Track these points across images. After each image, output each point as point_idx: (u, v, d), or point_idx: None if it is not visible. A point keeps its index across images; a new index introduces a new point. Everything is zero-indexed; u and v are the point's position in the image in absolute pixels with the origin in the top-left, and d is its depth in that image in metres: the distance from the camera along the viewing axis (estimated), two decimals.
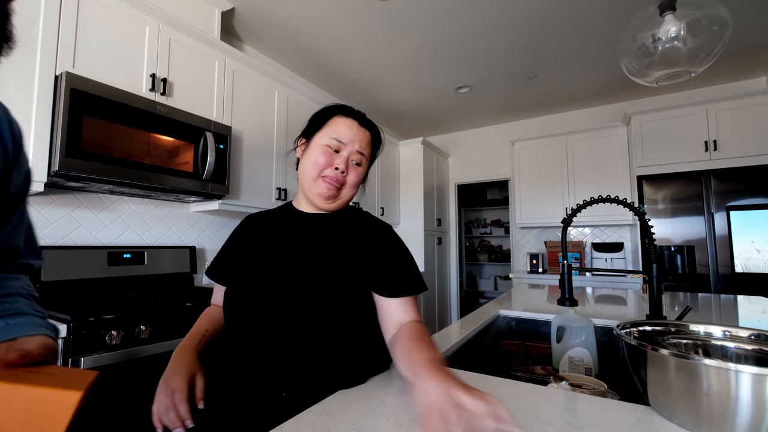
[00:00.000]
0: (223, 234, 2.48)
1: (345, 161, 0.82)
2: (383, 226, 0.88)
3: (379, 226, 0.87)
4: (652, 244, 0.97)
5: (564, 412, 0.57)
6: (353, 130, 0.84)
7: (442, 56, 2.92)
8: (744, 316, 1.41)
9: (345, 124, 0.85)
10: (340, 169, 0.81)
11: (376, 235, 0.84)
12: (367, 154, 0.87)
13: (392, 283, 0.78)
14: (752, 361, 0.62)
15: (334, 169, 0.81)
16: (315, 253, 0.81)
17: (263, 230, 0.90)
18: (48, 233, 1.68)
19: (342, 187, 0.83)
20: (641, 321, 0.73)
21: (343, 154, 0.83)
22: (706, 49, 1.45)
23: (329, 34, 2.63)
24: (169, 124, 1.76)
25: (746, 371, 0.44)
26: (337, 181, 0.82)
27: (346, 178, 0.83)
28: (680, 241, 2.98)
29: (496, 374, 0.75)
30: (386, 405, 0.60)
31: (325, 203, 0.84)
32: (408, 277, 0.81)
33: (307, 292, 0.75)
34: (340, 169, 0.81)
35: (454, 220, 4.71)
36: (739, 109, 2.88)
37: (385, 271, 0.80)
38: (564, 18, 2.43)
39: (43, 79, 1.43)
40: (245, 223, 0.94)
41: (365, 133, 0.86)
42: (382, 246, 0.83)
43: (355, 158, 0.84)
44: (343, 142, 0.83)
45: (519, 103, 3.89)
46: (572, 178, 3.71)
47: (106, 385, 1.30)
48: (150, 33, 1.79)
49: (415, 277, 0.82)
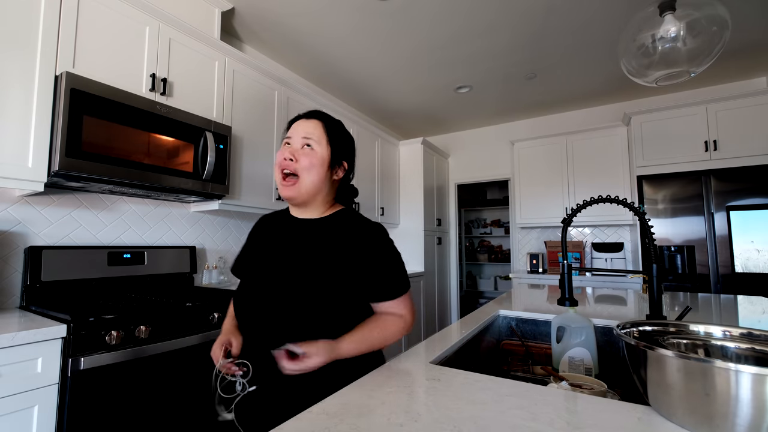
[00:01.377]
0: (223, 234, 2.48)
1: (291, 151, 0.88)
2: (370, 229, 0.89)
3: (366, 230, 0.89)
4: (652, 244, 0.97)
5: (564, 412, 0.57)
6: (298, 125, 0.92)
7: (442, 56, 2.92)
8: (744, 316, 1.41)
9: (293, 126, 0.93)
10: (287, 158, 0.87)
11: (362, 240, 0.87)
12: (316, 137, 0.90)
13: (377, 289, 0.86)
14: (752, 361, 0.62)
15: (282, 160, 0.88)
16: (299, 258, 0.86)
17: (266, 232, 0.98)
18: (48, 233, 1.68)
19: (298, 175, 0.87)
20: (641, 321, 0.73)
21: (291, 146, 0.89)
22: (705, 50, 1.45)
23: (329, 34, 2.63)
24: (169, 124, 1.76)
25: (746, 371, 0.44)
26: (288, 168, 0.87)
27: (296, 165, 0.87)
28: (680, 241, 2.98)
29: (496, 374, 0.75)
30: (386, 405, 0.60)
31: (293, 205, 0.92)
32: (391, 280, 0.86)
33: (289, 295, 0.82)
34: (287, 158, 0.87)
35: (454, 220, 4.71)
36: (739, 109, 2.88)
37: (369, 277, 0.85)
38: (564, 18, 2.43)
39: (43, 79, 1.43)
40: (258, 224, 1.03)
41: (310, 122, 0.92)
42: (367, 251, 0.86)
43: (301, 144, 0.89)
44: (290, 137, 0.91)
45: (519, 103, 3.89)
46: (572, 178, 3.72)
47: (106, 385, 1.30)
48: (150, 33, 1.79)
49: (398, 279, 0.87)
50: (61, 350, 1.21)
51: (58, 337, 1.20)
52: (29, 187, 1.40)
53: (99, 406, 1.27)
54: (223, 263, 2.44)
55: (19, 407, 1.11)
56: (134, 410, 1.36)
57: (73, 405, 1.21)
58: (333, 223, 0.91)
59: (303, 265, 0.85)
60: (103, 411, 1.28)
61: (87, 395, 1.24)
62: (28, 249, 1.57)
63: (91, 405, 1.26)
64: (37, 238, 1.65)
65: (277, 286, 0.84)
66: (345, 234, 0.88)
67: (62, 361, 1.21)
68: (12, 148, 1.35)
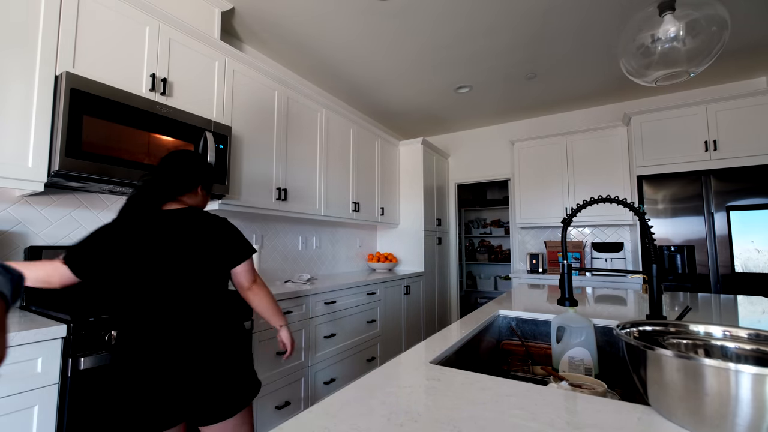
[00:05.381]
0: None
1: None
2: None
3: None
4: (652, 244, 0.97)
5: (564, 412, 0.57)
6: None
7: (442, 56, 2.92)
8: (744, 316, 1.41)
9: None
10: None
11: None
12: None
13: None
14: (752, 361, 0.62)
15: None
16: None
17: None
18: (48, 233, 1.68)
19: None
20: (641, 321, 0.73)
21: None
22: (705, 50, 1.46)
23: (329, 33, 2.63)
24: (169, 124, 1.76)
25: (746, 371, 0.44)
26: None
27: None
28: (680, 241, 2.98)
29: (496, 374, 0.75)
30: (386, 405, 0.60)
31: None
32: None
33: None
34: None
35: (454, 220, 4.71)
36: (739, 109, 2.88)
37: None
38: (564, 18, 2.44)
39: (43, 79, 1.43)
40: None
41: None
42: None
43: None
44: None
45: (519, 103, 3.89)
46: (572, 178, 3.72)
47: (106, 385, 1.30)
48: (150, 33, 1.79)
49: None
50: (61, 350, 1.21)
51: (58, 337, 1.20)
52: (29, 187, 1.40)
53: (99, 406, 1.27)
54: None
55: (19, 407, 1.11)
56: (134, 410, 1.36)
57: (73, 405, 1.21)
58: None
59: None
60: (104, 411, 1.28)
61: (87, 395, 1.24)
62: (28, 249, 1.57)
63: (91, 405, 1.26)
64: (37, 238, 1.65)
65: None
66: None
67: (62, 361, 1.21)
68: (12, 148, 1.35)
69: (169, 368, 1.02)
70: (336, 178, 3.11)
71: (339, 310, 2.54)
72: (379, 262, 3.70)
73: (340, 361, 2.54)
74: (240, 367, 1.11)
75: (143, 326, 1.04)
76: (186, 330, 1.05)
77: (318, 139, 2.92)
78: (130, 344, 1.04)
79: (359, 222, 3.41)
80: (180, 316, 1.06)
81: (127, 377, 1.02)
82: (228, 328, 1.12)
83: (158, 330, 1.04)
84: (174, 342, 1.03)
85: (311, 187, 2.82)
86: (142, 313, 1.06)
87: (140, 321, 1.05)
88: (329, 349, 2.44)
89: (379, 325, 3.03)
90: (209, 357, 1.05)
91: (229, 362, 1.08)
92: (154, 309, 1.06)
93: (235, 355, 1.11)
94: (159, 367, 1.02)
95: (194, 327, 1.06)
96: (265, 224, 2.80)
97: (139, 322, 1.05)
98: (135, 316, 1.06)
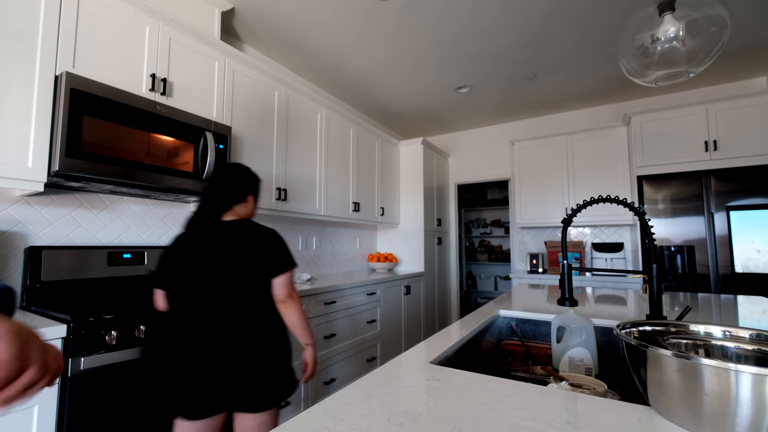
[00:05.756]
0: None
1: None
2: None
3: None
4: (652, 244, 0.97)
5: (564, 412, 0.57)
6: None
7: (443, 56, 2.92)
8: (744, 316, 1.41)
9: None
10: None
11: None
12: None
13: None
14: (752, 361, 0.62)
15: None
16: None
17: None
18: (48, 233, 1.68)
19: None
20: (641, 321, 0.73)
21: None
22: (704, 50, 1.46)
23: (329, 33, 2.63)
24: (169, 124, 1.76)
25: (746, 371, 0.44)
26: None
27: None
28: (680, 241, 2.98)
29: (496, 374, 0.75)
30: (386, 405, 0.60)
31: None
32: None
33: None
34: None
35: (454, 220, 4.71)
36: (739, 109, 2.89)
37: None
38: (564, 18, 2.44)
39: (43, 79, 1.43)
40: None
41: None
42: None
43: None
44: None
45: (519, 103, 3.89)
46: (572, 178, 3.72)
47: (106, 385, 1.30)
48: (150, 33, 1.79)
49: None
50: (61, 350, 1.21)
51: (58, 337, 1.20)
52: (29, 187, 1.40)
53: (99, 406, 1.27)
54: None
55: (18, 407, 1.11)
56: (134, 410, 1.36)
57: (73, 405, 1.21)
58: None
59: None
60: (103, 411, 1.28)
61: (87, 395, 1.24)
62: (28, 249, 1.57)
63: (91, 405, 1.26)
64: (37, 238, 1.65)
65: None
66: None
67: None
68: (12, 148, 1.35)
69: (216, 362, 1.14)
70: (336, 178, 3.11)
71: (339, 310, 2.54)
72: (379, 262, 3.70)
73: (340, 361, 2.54)
74: (277, 367, 1.21)
75: (198, 324, 1.17)
76: (232, 330, 1.17)
77: (318, 139, 2.92)
78: (185, 340, 1.16)
79: (359, 222, 3.41)
80: (228, 318, 1.17)
81: (183, 368, 1.14)
82: (270, 332, 1.22)
83: (209, 328, 1.16)
84: (222, 340, 1.15)
85: (311, 187, 2.82)
86: (197, 313, 1.18)
87: (195, 320, 1.17)
88: (329, 349, 2.44)
89: (379, 325, 3.03)
90: (250, 356, 1.16)
91: (267, 362, 1.18)
92: (207, 310, 1.18)
93: (274, 357, 1.21)
94: (207, 360, 1.14)
95: (240, 328, 1.17)
96: (265, 224, 2.80)
97: (194, 321, 1.17)
98: (192, 315, 1.18)
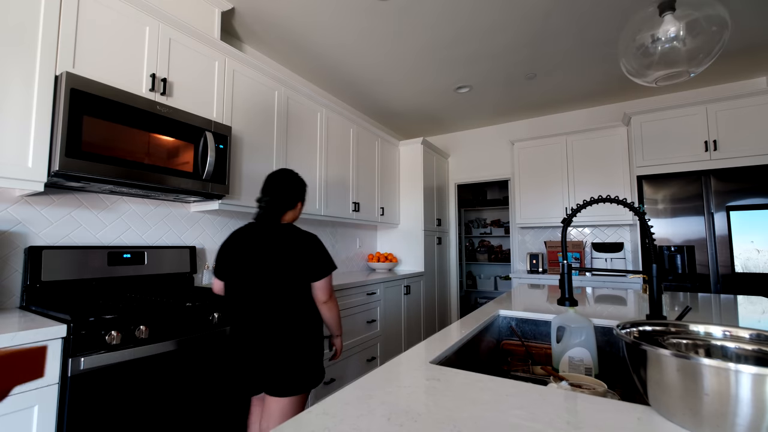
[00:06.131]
0: (223, 234, 2.48)
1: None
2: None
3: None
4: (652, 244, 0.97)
5: (564, 412, 0.57)
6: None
7: (442, 56, 2.92)
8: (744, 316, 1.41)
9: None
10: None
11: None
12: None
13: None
14: (752, 361, 0.62)
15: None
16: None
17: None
18: (48, 233, 1.68)
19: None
20: (641, 321, 0.73)
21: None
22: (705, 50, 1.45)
23: (329, 33, 2.63)
24: (169, 124, 1.76)
25: (746, 371, 0.44)
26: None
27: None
28: (680, 241, 2.98)
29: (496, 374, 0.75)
30: (386, 405, 0.60)
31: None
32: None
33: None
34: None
35: (454, 220, 4.71)
36: (739, 109, 2.89)
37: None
38: (564, 18, 2.44)
39: (43, 79, 1.43)
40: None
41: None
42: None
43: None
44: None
45: (519, 103, 3.89)
46: (572, 178, 3.72)
47: (106, 386, 1.30)
48: (150, 33, 1.79)
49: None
50: (61, 350, 1.21)
51: (58, 337, 1.20)
52: (29, 187, 1.40)
53: (99, 406, 1.27)
54: None
55: (18, 407, 1.11)
56: (134, 410, 1.36)
57: (73, 405, 1.21)
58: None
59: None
60: (103, 411, 1.28)
61: (87, 395, 1.24)
62: (28, 249, 1.57)
63: (91, 405, 1.26)
64: (37, 238, 1.65)
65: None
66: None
67: (62, 361, 1.21)
68: (12, 148, 1.35)
69: (254, 348, 1.34)
70: (336, 178, 3.11)
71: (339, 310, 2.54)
72: (379, 262, 3.70)
73: (340, 361, 2.54)
74: (304, 359, 1.37)
75: (245, 315, 1.37)
76: (269, 323, 1.34)
77: (318, 139, 2.92)
78: (235, 330, 1.39)
79: (359, 222, 3.41)
80: (268, 312, 1.35)
81: (233, 355, 1.38)
82: (303, 328, 1.38)
83: (253, 319, 1.36)
84: (260, 330, 1.34)
85: (311, 186, 2.82)
86: (245, 306, 1.37)
87: (243, 310, 1.37)
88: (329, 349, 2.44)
89: (379, 325, 3.03)
90: (280, 347, 1.33)
91: (295, 354, 1.35)
92: (252, 304, 1.36)
93: (303, 350, 1.37)
94: (249, 346, 1.35)
95: (276, 322, 1.34)
96: None
97: (242, 312, 1.37)
98: (241, 307, 1.38)
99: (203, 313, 1.63)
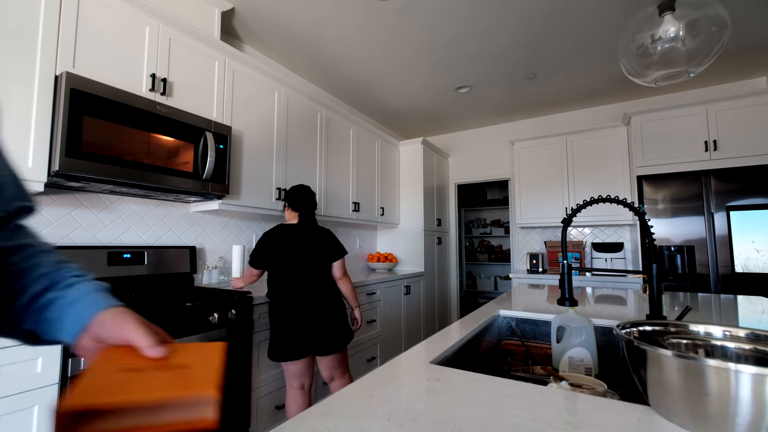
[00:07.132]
0: (223, 234, 2.48)
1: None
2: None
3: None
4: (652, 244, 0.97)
5: (564, 412, 0.57)
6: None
7: (442, 56, 2.92)
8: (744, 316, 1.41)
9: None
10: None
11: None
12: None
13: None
14: (752, 361, 0.62)
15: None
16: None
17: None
18: (48, 233, 1.68)
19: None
20: (641, 321, 0.73)
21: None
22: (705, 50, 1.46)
23: (329, 34, 2.63)
24: (169, 124, 1.76)
25: (746, 371, 0.44)
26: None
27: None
28: (680, 241, 2.98)
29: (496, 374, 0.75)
30: (386, 405, 0.60)
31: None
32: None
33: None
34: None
35: (454, 220, 4.71)
36: (739, 109, 2.89)
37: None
38: (564, 18, 2.44)
39: (43, 79, 1.43)
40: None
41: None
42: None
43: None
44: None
45: (519, 103, 3.89)
46: (572, 178, 3.72)
47: None
48: (150, 33, 1.79)
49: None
50: (61, 350, 1.21)
51: None
52: (29, 187, 1.40)
53: None
54: (223, 263, 2.44)
55: (19, 407, 1.11)
56: None
57: None
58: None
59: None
60: None
61: None
62: None
63: None
64: None
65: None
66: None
67: (62, 360, 1.21)
68: (12, 148, 1.35)
69: (306, 319, 1.76)
70: (336, 177, 3.11)
71: None
72: (379, 262, 3.70)
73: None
74: (344, 320, 1.88)
75: (293, 293, 1.79)
76: (315, 297, 1.80)
77: (318, 138, 2.92)
78: (285, 304, 1.77)
79: (359, 222, 3.41)
80: (313, 288, 1.82)
81: (284, 324, 1.75)
82: (336, 298, 1.89)
83: (301, 296, 1.78)
84: (309, 304, 1.78)
85: (311, 186, 2.82)
86: (291, 286, 1.80)
87: (290, 290, 1.79)
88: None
89: (379, 325, 3.03)
90: (328, 313, 1.81)
91: (338, 317, 1.85)
92: (297, 283, 1.80)
93: (340, 313, 1.88)
94: (300, 318, 1.76)
95: (319, 296, 1.82)
96: (265, 224, 2.80)
97: (290, 291, 1.79)
98: (287, 287, 1.80)
99: (203, 313, 1.63)
